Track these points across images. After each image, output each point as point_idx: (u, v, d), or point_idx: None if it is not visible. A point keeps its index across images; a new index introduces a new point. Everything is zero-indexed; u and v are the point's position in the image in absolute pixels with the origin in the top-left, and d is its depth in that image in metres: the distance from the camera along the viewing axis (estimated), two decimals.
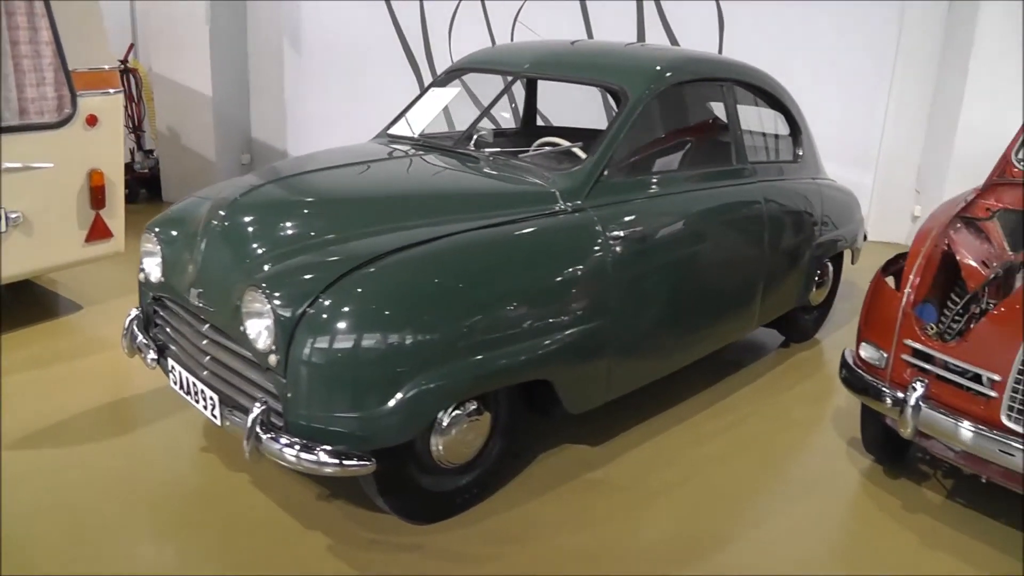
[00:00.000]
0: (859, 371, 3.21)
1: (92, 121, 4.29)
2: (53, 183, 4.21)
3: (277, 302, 2.57)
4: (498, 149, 3.46)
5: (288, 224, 2.91)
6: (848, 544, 3.07)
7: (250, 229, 2.90)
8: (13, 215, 4.08)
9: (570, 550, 2.87)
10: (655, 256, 3.32)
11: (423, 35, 7.32)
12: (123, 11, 7.04)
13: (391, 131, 3.89)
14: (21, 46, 4.08)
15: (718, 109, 3.90)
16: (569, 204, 3.10)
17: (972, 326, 2.96)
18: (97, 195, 4.38)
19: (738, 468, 3.47)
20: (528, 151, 3.45)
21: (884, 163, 6.73)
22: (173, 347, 3.19)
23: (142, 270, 3.27)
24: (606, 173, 3.23)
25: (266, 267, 2.72)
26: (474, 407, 2.87)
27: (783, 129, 4.46)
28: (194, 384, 2.95)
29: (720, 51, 6.83)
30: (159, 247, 3.17)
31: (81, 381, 3.92)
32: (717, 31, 6.82)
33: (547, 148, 3.48)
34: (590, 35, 7.07)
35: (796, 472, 3.52)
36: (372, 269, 2.62)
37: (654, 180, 3.43)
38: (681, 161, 3.72)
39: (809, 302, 4.66)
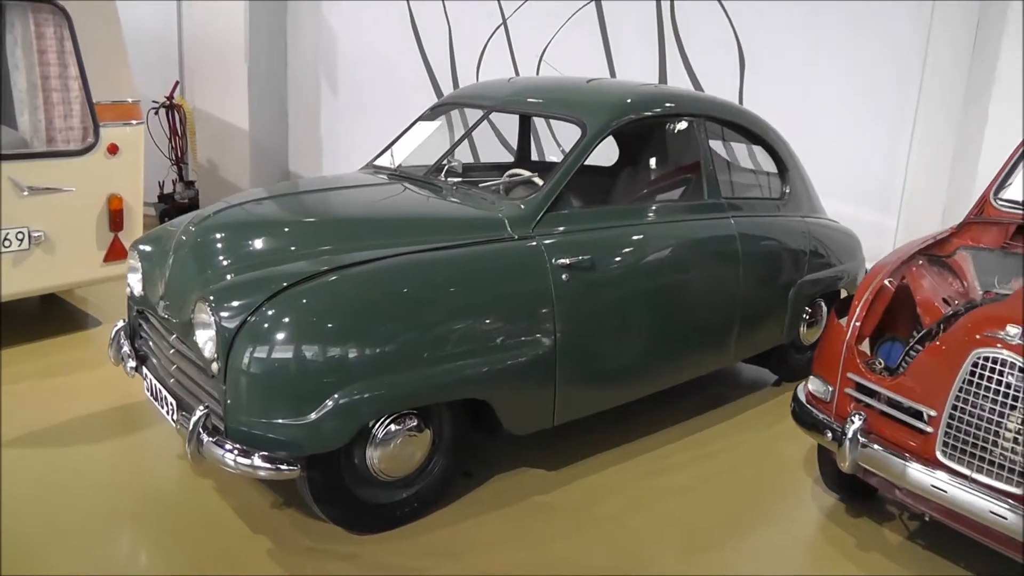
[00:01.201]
0: (808, 406, 3.20)
1: (113, 150, 4.64)
2: (74, 206, 4.55)
3: (223, 313, 2.74)
4: (460, 179, 3.61)
5: (250, 243, 3.12)
6: None
7: (215, 246, 3.12)
8: (36, 234, 4.42)
9: (502, 568, 2.93)
10: (606, 286, 3.38)
11: (452, 73, 7.59)
12: (171, 50, 7.53)
13: (376, 162, 4.09)
14: (51, 80, 4.46)
15: (692, 145, 3.95)
16: (516, 232, 3.21)
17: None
18: (116, 218, 4.71)
19: (694, 500, 3.47)
20: (488, 181, 3.58)
21: (908, 206, 6.60)
22: (152, 358, 3.41)
23: (128, 285, 3.52)
24: (560, 203, 3.33)
25: (219, 281, 2.91)
26: (414, 423, 2.98)
27: (772, 167, 4.48)
28: (160, 391, 3.15)
29: (741, 91, 6.86)
30: (140, 263, 3.41)
31: (84, 389, 4.18)
32: (738, 72, 6.86)
33: (509, 178, 3.61)
34: (613, 75, 7.20)
35: (755, 507, 3.49)
36: (307, 285, 2.78)
37: (612, 212, 3.52)
38: (643, 194, 3.79)
39: (800, 340, 4.62)
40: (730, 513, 3.39)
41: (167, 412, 3.10)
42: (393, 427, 2.92)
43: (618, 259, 3.44)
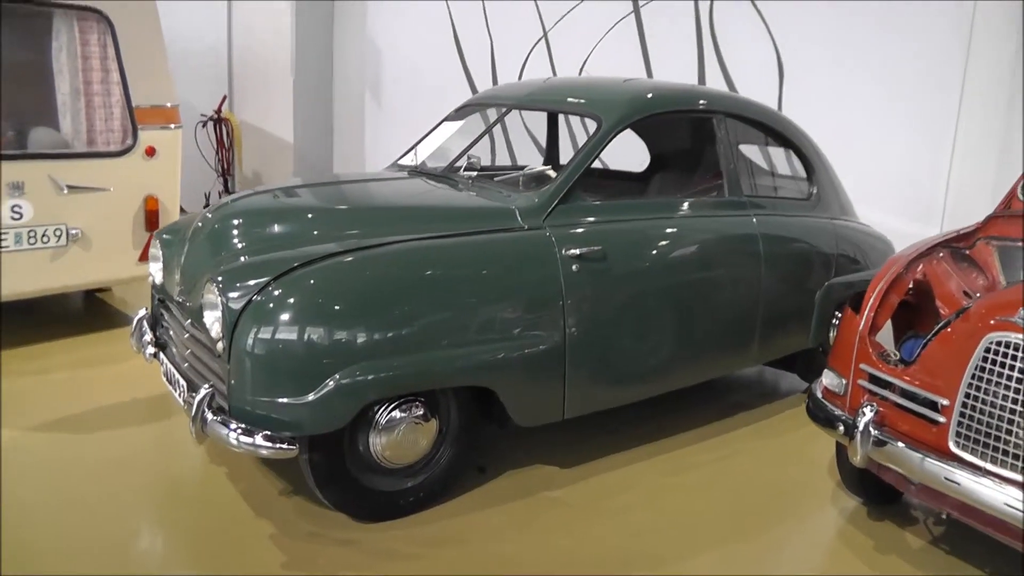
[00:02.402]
0: (821, 400, 3.11)
1: (151, 152, 4.80)
2: (111, 205, 4.72)
3: (230, 294, 2.80)
4: (476, 173, 3.63)
5: (263, 229, 3.18)
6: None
7: (230, 231, 3.19)
8: (73, 231, 4.59)
9: (500, 557, 2.90)
10: (618, 279, 3.34)
11: (493, 84, 7.67)
12: (222, 60, 7.78)
13: (400, 161, 4.15)
14: (93, 84, 4.67)
15: (714, 142, 3.89)
16: (527, 222, 3.21)
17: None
18: (151, 218, 4.86)
19: (707, 498, 3.38)
20: (504, 174, 3.60)
21: (951, 215, 6.39)
22: (171, 346, 3.49)
23: (151, 274, 3.62)
24: (573, 196, 3.32)
25: (231, 263, 2.98)
26: (420, 412, 2.98)
27: (800, 168, 4.40)
28: (174, 374, 3.22)
29: (780, 99, 6.77)
30: (161, 252, 3.51)
31: (113, 381, 4.30)
32: (777, 80, 6.78)
33: (524, 173, 3.62)
34: None
35: (769, 508, 3.38)
36: (314, 267, 2.82)
37: (626, 205, 3.48)
38: (659, 189, 3.75)
39: (830, 345, 4.49)
40: (742, 513, 3.30)
41: (178, 394, 3.16)
42: (397, 413, 2.93)
43: (631, 252, 3.40)
